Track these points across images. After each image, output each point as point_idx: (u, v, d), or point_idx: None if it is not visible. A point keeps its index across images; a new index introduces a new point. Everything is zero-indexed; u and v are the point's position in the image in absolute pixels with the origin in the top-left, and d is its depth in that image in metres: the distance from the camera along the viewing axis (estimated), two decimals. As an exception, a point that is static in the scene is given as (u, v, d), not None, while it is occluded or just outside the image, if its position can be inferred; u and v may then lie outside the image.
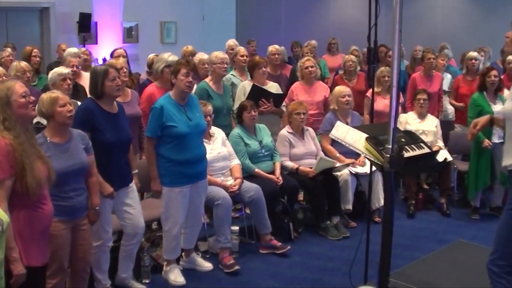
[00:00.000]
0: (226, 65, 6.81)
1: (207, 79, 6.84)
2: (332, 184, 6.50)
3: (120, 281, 4.99)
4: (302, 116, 6.61)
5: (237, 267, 5.43)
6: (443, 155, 6.68)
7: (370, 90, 7.61)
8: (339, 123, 4.68)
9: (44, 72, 8.48)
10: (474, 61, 7.95)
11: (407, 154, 4.00)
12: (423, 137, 6.44)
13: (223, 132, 6.12)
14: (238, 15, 15.16)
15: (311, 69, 7.35)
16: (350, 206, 6.60)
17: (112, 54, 7.51)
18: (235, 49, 8.16)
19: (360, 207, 6.74)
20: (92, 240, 4.60)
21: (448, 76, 8.99)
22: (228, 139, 6.18)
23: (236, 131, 6.32)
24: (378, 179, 6.53)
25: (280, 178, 6.25)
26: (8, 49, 8.23)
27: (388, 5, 3.86)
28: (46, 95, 4.18)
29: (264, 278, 5.37)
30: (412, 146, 4.19)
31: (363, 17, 5.10)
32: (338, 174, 6.58)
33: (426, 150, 4.28)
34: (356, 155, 6.59)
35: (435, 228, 6.75)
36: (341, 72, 8.58)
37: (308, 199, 6.84)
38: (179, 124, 5.00)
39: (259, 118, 6.50)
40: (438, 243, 6.24)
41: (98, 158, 4.44)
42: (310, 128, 6.86)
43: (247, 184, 5.92)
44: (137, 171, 5.09)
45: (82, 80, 6.45)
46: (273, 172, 6.33)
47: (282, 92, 7.19)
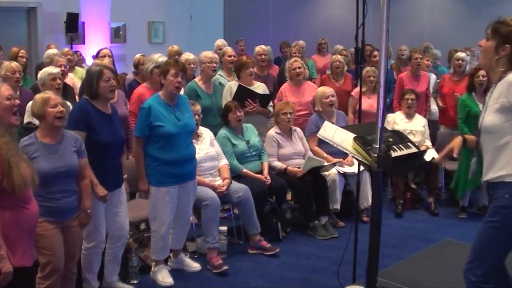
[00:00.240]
0: (215, 64, 6.79)
1: (197, 79, 6.83)
2: (320, 184, 6.51)
3: (108, 285, 4.97)
4: (289, 116, 6.61)
5: (225, 267, 5.42)
6: (431, 155, 6.70)
7: (355, 90, 7.69)
8: (326, 123, 4.69)
9: (31, 73, 8.44)
10: (461, 61, 7.96)
11: (394, 154, 4.01)
12: (411, 137, 6.46)
13: (211, 132, 6.10)
14: (226, 15, 15.15)
15: (298, 70, 7.37)
16: (338, 206, 6.61)
17: (98, 54, 7.49)
18: (222, 49, 8.15)
19: (348, 207, 6.75)
20: (85, 241, 4.60)
21: (433, 76, 9.00)
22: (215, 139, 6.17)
23: (222, 132, 6.31)
24: (366, 178, 6.53)
25: (268, 178, 6.25)
26: (-6, 49, 8.21)
27: (375, 5, 3.87)
28: (39, 96, 4.21)
29: (253, 278, 5.37)
30: (400, 145, 4.20)
31: (351, 17, 5.11)
32: (326, 174, 6.59)
33: (414, 150, 4.29)
34: (344, 155, 6.61)
35: (423, 227, 6.77)
36: (328, 72, 8.58)
37: (296, 199, 6.83)
38: (167, 124, 4.99)
39: (245, 119, 6.49)
40: (426, 242, 6.26)
41: (93, 158, 4.44)
42: (298, 128, 6.86)
43: (235, 184, 5.91)
44: (126, 176, 5.06)
45: (66, 80, 6.44)
46: (261, 172, 6.32)
47: (269, 93, 7.18)
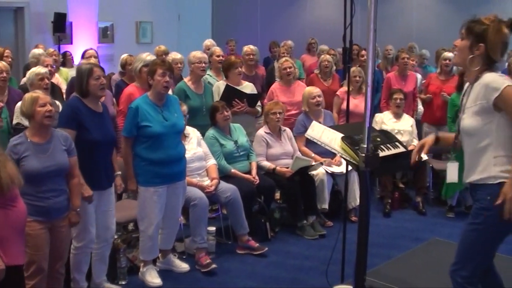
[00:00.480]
0: (204, 64, 6.76)
1: (186, 79, 6.82)
2: (308, 184, 6.51)
3: (96, 285, 4.95)
4: (278, 116, 6.61)
5: (213, 266, 5.42)
6: (419, 154, 6.72)
7: (340, 89, 7.70)
8: (314, 123, 4.69)
9: (17, 73, 8.39)
10: (448, 61, 7.96)
11: (382, 154, 4.03)
12: (398, 136, 6.48)
13: (198, 132, 6.09)
14: (214, 15, 15.15)
15: (289, 70, 7.39)
16: (326, 206, 6.61)
17: (84, 55, 7.47)
18: (211, 49, 8.14)
19: (337, 207, 6.77)
20: (74, 241, 4.60)
21: (418, 76, 9.01)
22: (203, 139, 6.16)
23: (210, 132, 6.29)
24: (354, 178, 6.55)
25: (257, 178, 6.25)
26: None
27: (363, 5, 3.88)
28: (28, 95, 4.24)
29: (241, 278, 5.37)
30: (388, 145, 4.22)
31: (339, 16, 5.12)
32: (314, 173, 6.59)
33: (402, 150, 4.31)
34: (332, 155, 6.61)
35: (411, 227, 6.79)
36: (316, 71, 8.58)
37: (284, 199, 6.83)
38: (154, 124, 4.99)
39: (233, 118, 6.49)
40: (414, 242, 6.28)
41: (84, 157, 4.45)
42: (288, 129, 6.87)
43: (223, 184, 5.90)
44: (120, 172, 5.06)
45: (52, 80, 6.42)
46: (249, 172, 6.32)
47: (257, 92, 7.18)
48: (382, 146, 4.13)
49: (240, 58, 7.60)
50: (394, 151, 4.21)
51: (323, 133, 4.28)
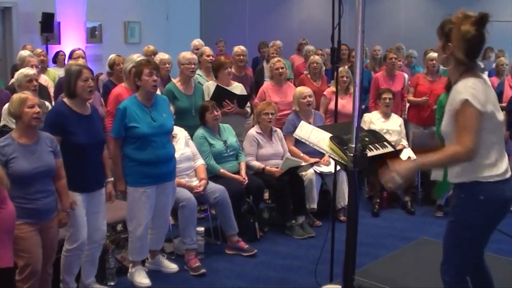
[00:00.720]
0: (193, 65, 6.72)
1: (175, 80, 6.80)
2: (297, 184, 6.52)
3: (84, 286, 4.93)
4: (270, 116, 6.62)
5: (203, 270, 5.39)
6: (407, 154, 6.76)
7: (327, 90, 7.72)
8: (303, 123, 4.68)
9: (4, 73, 8.35)
10: (434, 61, 7.92)
11: (370, 153, 4.03)
12: (387, 136, 6.49)
13: (186, 132, 6.08)
14: (203, 15, 15.10)
15: (281, 70, 7.42)
16: (315, 205, 6.62)
17: (71, 55, 7.43)
18: (200, 49, 8.12)
19: (325, 206, 6.78)
20: (66, 243, 4.59)
21: (405, 76, 9.02)
22: (192, 139, 6.15)
23: (200, 131, 6.28)
24: (343, 178, 6.56)
25: (246, 178, 6.25)
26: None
27: (351, 5, 3.88)
28: (16, 96, 4.23)
29: (230, 278, 5.36)
30: (376, 145, 4.21)
31: (328, 17, 5.13)
32: (303, 173, 6.60)
33: (390, 149, 4.31)
34: (320, 155, 6.62)
35: (399, 226, 6.82)
36: (306, 72, 8.58)
37: (273, 199, 6.83)
38: (142, 125, 4.98)
39: (223, 119, 6.48)
40: (402, 241, 6.30)
41: (72, 160, 4.45)
42: (279, 129, 6.88)
43: (212, 185, 5.90)
44: (112, 179, 5.04)
45: (41, 81, 6.40)
46: (238, 172, 6.32)
47: (247, 93, 7.18)
48: (371, 146, 4.14)
49: (230, 58, 7.60)
50: (382, 151, 4.21)
51: (311, 133, 4.28)
